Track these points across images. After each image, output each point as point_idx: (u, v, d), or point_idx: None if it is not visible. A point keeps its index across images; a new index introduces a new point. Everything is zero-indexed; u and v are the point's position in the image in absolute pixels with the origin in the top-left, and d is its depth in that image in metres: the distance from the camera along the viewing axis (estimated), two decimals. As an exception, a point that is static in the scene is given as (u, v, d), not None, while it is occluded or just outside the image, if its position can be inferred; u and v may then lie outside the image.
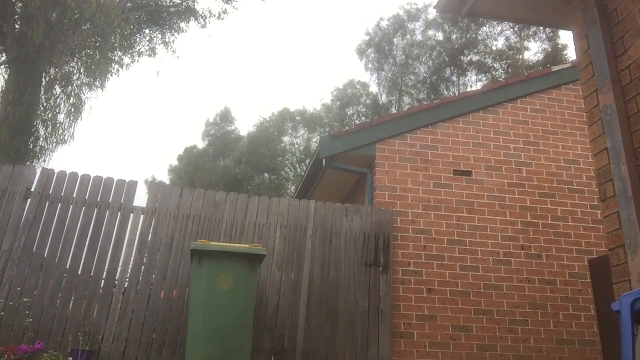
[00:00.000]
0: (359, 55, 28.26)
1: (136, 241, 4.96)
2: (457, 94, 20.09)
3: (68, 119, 13.00)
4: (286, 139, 28.84)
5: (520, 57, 24.72)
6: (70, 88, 13.02)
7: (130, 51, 15.84)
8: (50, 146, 12.66)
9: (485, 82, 23.54)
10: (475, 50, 25.30)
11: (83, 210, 4.93)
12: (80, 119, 13.25)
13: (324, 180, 6.96)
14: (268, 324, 4.92)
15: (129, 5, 14.87)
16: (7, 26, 11.91)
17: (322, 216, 5.43)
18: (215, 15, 16.69)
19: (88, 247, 4.82)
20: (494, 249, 5.86)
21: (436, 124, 6.30)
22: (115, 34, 13.54)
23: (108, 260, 4.84)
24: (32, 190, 4.88)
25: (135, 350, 4.59)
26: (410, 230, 5.73)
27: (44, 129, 12.54)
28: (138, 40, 16.14)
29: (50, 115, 12.63)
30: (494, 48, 25.13)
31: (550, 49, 23.94)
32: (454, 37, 25.66)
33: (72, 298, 4.65)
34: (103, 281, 4.79)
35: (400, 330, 5.31)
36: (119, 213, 5.01)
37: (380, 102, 28.00)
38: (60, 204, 4.89)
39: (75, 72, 13.49)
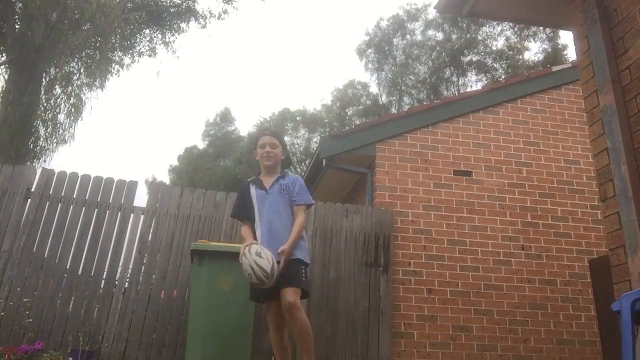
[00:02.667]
0: (358, 56, 28.24)
1: (136, 241, 4.95)
2: (457, 94, 20.10)
3: (68, 119, 13.01)
4: (286, 139, 28.84)
5: (520, 57, 24.69)
6: (70, 88, 13.02)
7: (130, 51, 15.82)
8: (50, 146, 12.66)
9: (485, 82, 23.51)
10: (475, 50, 25.27)
11: (83, 210, 4.92)
12: (80, 119, 13.27)
13: (324, 180, 6.96)
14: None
15: (129, 5, 14.86)
16: (7, 26, 11.91)
17: (322, 216, 5.42)
18: (215, 15, 16.67)
19: (88, 247, 4.81)
20: (494, 249, 5.86)
21: (436, 124, 6.30)
22: (115, 34, 13.52)
23: (108, 260, 4.83)
24: (32, 190, 4.88)
25: (135, 350, 4.59)
26: (410, 230, 5.73)
27: (44, 129, 12.54)
28: (138, 40, 16.11)
29: (50, 115, 12.63)
30: (494, 48, 25.10)
31: (550, 49, 23.90)
32: (454, 37, 25.63)
33: (72, 298, 4.65)
34: (103, 281, 4.79)
35: (400, 330, 5.31)
36: (119, 213, 5.00)
37: (380, 102, 27.99)
38: (60, 204, 4.88)
39: (75, 72, 13.49)
